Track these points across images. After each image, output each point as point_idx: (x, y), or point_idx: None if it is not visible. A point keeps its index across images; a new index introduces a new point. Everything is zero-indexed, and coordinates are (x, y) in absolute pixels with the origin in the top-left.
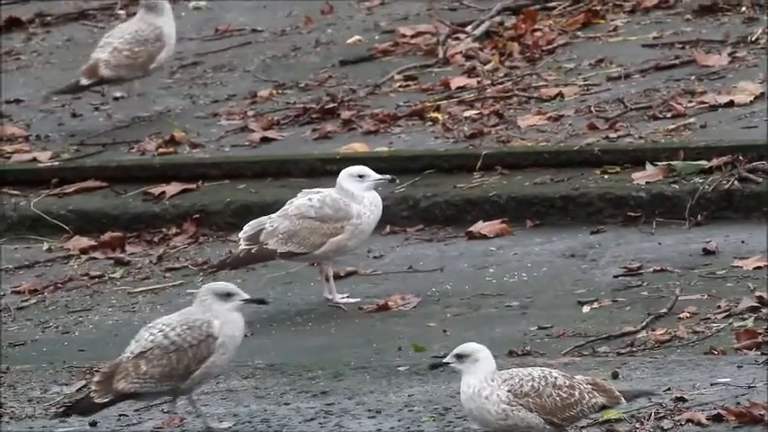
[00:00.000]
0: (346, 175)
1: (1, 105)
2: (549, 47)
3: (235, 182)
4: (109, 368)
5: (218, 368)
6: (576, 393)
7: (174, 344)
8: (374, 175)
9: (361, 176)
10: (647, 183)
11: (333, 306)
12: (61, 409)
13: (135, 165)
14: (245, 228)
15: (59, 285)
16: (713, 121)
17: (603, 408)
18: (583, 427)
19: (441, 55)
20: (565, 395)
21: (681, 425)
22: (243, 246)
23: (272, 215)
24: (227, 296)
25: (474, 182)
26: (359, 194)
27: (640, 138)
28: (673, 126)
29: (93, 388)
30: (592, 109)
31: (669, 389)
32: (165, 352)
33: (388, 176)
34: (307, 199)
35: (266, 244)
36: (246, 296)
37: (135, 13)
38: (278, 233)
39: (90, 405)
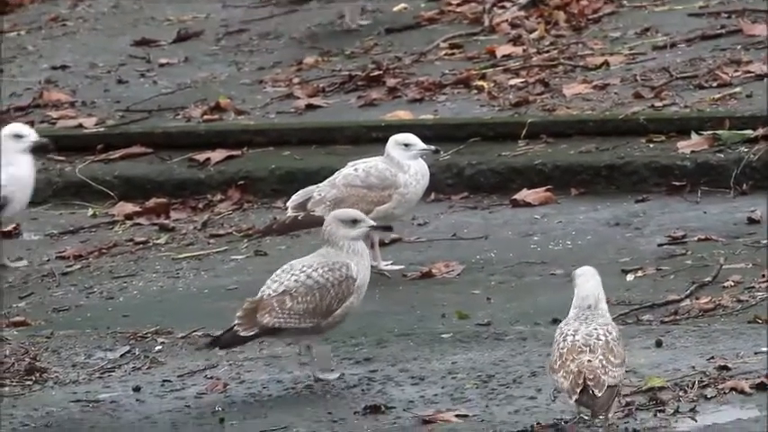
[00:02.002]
0: (393, 143)
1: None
2: (595, 15)
3: (279, 149)
4: (250, 304)
5: (354, 309)
6: None
7: (317, 283)
8: (420, 145)
9: (407, 145)
10: (692, 152)
11: (377, 273)
12: (205, 342)
13: (180, 131)
14: (293, 197)
15: (104, 251)
16: (759, 90)
17: None
18: (626, 394)
19: (486, 23)
20: None
21: (724, 393)
22: (290, 213)
23: (320, 184)
24: (354, 222)
25: (519, 150)
26: (404, 163)
27: (686, 107)
28: (718, 95)
29: (237, 322)
30: (637, 78)
31: (713, 357)
32: (310, 290)
33: (432, 147)
34: (353, 169)
35: (313, 211)
36: (372, 223)
37: None
38: (326, 201)
39: (235, 338)
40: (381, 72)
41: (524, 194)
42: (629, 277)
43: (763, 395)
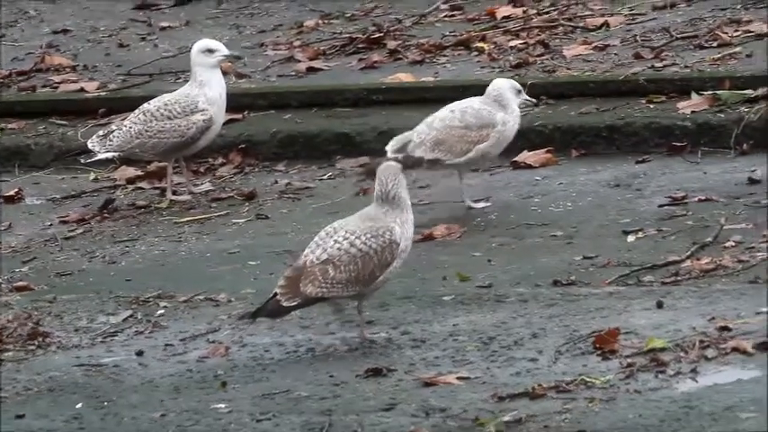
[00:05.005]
0: (508, 86)
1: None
2: None
3: (280, 112)
4: (292, 273)
5: (397, 272)
6: None
7: (360, 251)
8: (524, 96)
9: (519, 91)
10: (692, 112)
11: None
12: (249, 313)
13: None
14: (391, 142)
15: (106, 215)
16: (759, 50)
17: None
18: (627, 356)
19: None
20: None
21: (725, 353)
22: (390, 155)
23: (416, 128)
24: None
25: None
26: (514, 107)
27: (686, 67)
28: (718, 55)
29: (280, 291)
30: (637, 38)
31: (713, 318)
32: (353, 259)
33: (533, 100)
34: (449, 111)
35: (413, 152)
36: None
37: None
38: (426, 143)
39: (278, 308)
40: (382, 34)
41: (525, 156)
42: (630, 238)
43: (764, 355)
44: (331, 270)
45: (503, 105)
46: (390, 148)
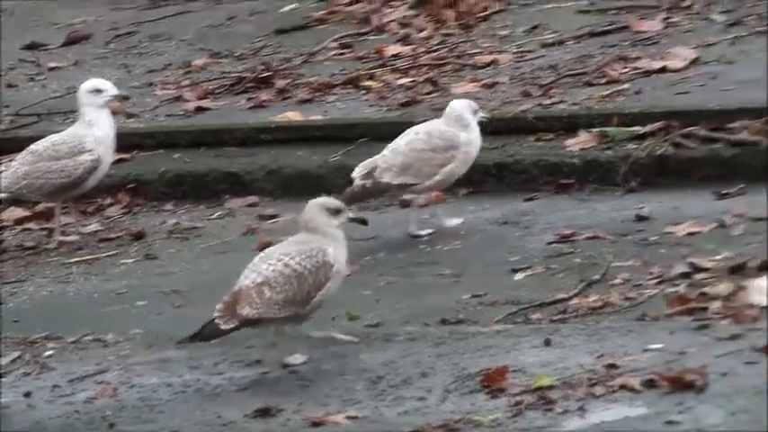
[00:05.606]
0: (466, 106)
1: None
2: (484, 14)
3: (169, 151)
4: (230, 297)
5: (331, 294)
6: None
7: (295, 271)
8: (480, 114)
9: (475, 111)
10: (580, 149)
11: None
12: (186, 338)
13: None
14: (357, 168)
15: None
16: (647, 86)
17: None
18: (515, 394)
19: (375, 23)
20: None
21: (614, 390)
22: (357, 182)
23: (383, 153)
24: (336, 212)
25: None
26: (474, 126)
27: (574, 104)
28: (607, 92)
29: (217, 315)
30: (526, 76)
31: (601, 355)
32: (288, 279)
33: (487, 117)
34: (414, 134)
35: (381, 179)
36: (352, 215)
37: None
38: (393, 168)
39: (216, 331)
40: (271, 73)
41: (416, 196)
42: (518, 276)
43: (653, 392)
44: (267, 291)
45: (464, 126)
46: (357, 174)
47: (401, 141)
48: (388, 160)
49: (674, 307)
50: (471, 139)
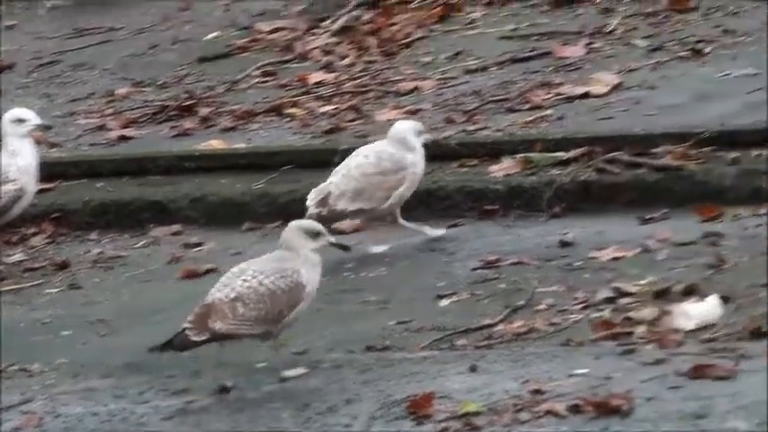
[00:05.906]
0: (410, 127)
1: None
2: (407, 41)
3: (93, 180)
4: (201, 309)
5: (303, 313)
6: None
7: (268, 290)
8: (424, 135)
9: (420, 132)
10: (504, 175)
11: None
12: (157, 346)
13: None
14: (310, 195)
15: None
16: (570, 112)
17: None
18: (441, 420)
19: (298, 50)
20: None
21: (539, 416)
22: (312, 210)
23: (331, 178)
24: (316, 235)
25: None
26: (419, 147)
27: (498, 130)
28: (530, 118)
29: (188, 326)
30: (449, 102)
31: (527, 381)
32: (261, 297)
33: (432, 137)
34: (363, 157)
35: (335, 206)
36: (332, 239)
37: None
38: (346, 194)
39: (186, 342)
40: (194, 101)
41: (339, 222)
42: (444, 302)
43: (578, 417)
44: (240, 307)
45: (409, 147)
46: (310, 201)
47: (351, 164)
48: (340, 186)
49: (598, 332)
50: (417, 161)
